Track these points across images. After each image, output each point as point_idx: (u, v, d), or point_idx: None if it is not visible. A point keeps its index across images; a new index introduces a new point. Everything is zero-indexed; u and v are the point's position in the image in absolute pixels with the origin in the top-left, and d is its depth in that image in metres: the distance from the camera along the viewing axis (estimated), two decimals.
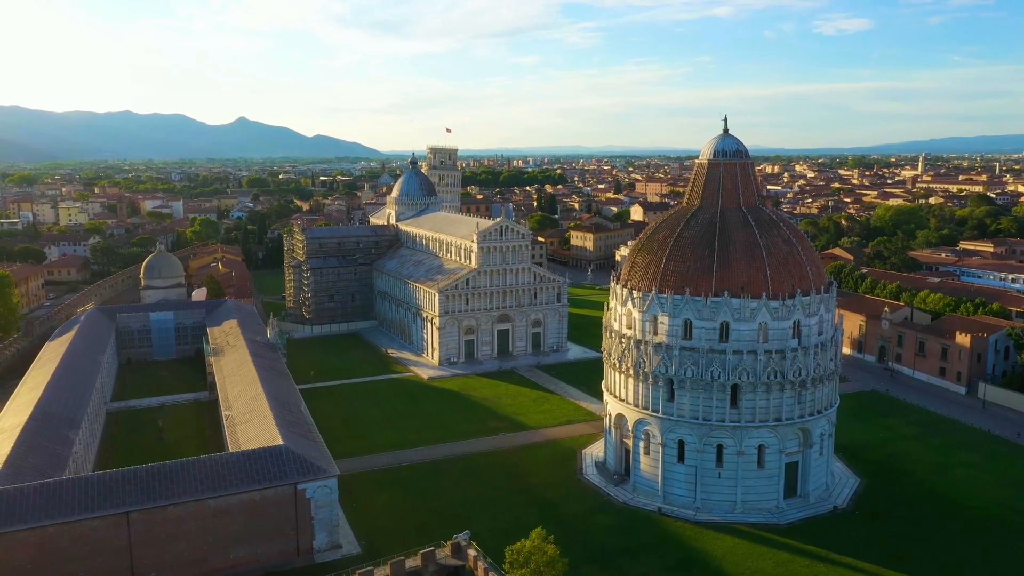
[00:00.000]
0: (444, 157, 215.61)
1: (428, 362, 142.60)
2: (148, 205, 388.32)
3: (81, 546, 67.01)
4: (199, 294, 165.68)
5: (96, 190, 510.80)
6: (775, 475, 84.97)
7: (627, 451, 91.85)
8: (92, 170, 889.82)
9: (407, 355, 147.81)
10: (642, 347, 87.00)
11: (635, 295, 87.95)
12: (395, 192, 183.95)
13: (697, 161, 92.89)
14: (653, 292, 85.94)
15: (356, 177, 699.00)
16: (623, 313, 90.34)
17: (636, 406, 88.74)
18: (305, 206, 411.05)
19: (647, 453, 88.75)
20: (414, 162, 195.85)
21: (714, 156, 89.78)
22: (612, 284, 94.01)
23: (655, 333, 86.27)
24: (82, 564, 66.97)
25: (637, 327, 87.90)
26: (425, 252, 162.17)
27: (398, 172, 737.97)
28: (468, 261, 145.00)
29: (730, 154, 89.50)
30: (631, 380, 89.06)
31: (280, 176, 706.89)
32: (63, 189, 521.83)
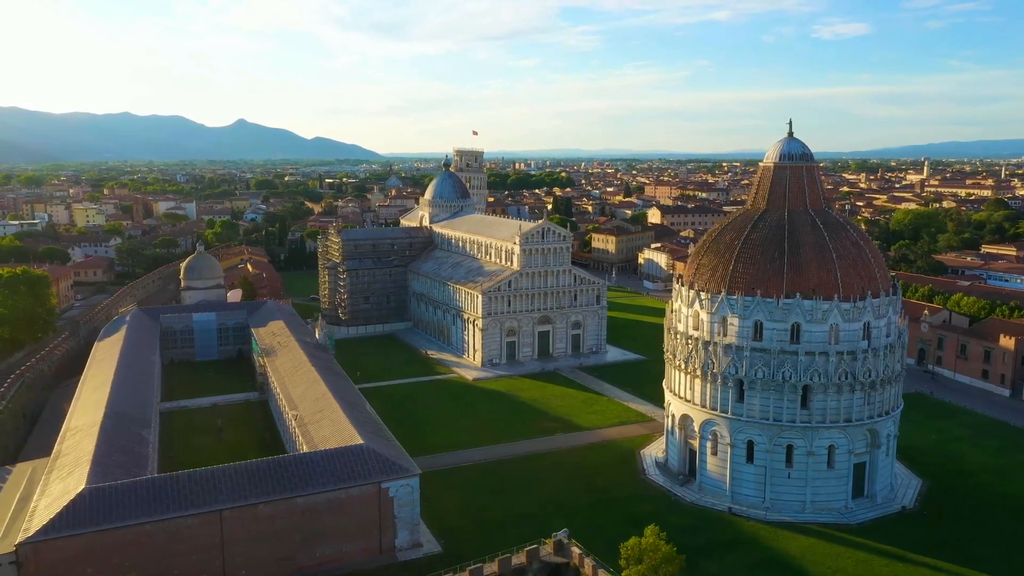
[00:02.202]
0: (470, 159, 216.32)
1: (470, 363, 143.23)
2: (162, 207, 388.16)
3: (176, 544, 67.58)
4: (234, 295, 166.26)
5: (105, 191, 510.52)
6: (844, 475, 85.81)
7: (691, 451, 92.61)
8: (95, 171, 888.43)
9: (447, 356, 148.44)
10: (711, 348, 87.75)
11: (703, 297, 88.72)
12: (428, 194, 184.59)
13: (762, 164, 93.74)
14: (722, 294, 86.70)
15: (362, 179, 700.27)
16: (689, 315, 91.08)
17: (703, 407, 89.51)
18: (317, 208, 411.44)
19: (714, 453, 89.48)
20: (447, 164, 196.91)
21: (780, 159, 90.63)
22: (676, 286, 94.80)
23: (724, 334, 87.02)
24: (176, 562, 67.52)
25: (705, 328, 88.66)
26: (462, 254, 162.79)
27: (403, 175, 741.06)
28: (509, 263, 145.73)
29: (796, 157, 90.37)
30: (698, 381, 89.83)
31: (286, 178, 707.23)
32: (70, 190, 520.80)
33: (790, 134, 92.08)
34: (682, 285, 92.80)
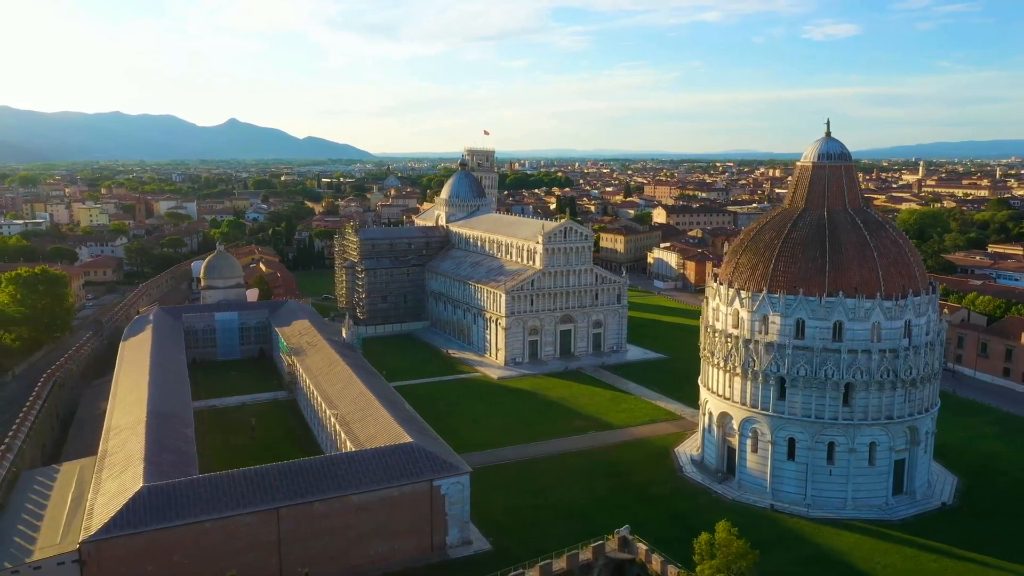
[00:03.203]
0: (482, 159, 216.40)
1: (492, 362, 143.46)
2: (163, 206, 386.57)
3: (234, 541, 67.67)
4: (251, 294, 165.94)
5: (103, 191, 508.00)
6: (885, 472, 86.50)
7: (730, 449, 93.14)
8: (89, 171, 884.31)
9: (469, 355, 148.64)
10: (751, 346, 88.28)
11: (743, 295, 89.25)
12: (445, 194, 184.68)
13: (800, 164, 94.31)
14: (764, 292, 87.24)
15: (359, 179, 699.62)
16: (728, 313, 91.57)
17: (743, 404, 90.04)
18: (318, 208, 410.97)
19: (755, 451, 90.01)
20: (464, 164, 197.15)
21: (819, 159, 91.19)
22: (713, 284, 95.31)
23: (765, 332, 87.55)
24: (234, 560, 67.42)
25: (745, 327, 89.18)
26: (481, 253, 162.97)
27: (399, 175, 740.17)
28: (532, 262, 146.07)
29: (835, 156, 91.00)
30: (737, 379, 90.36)
31: (282, 178, 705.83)
32: (67, 190, 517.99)
33: (828, 134, 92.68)
34: (720, 283, 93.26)
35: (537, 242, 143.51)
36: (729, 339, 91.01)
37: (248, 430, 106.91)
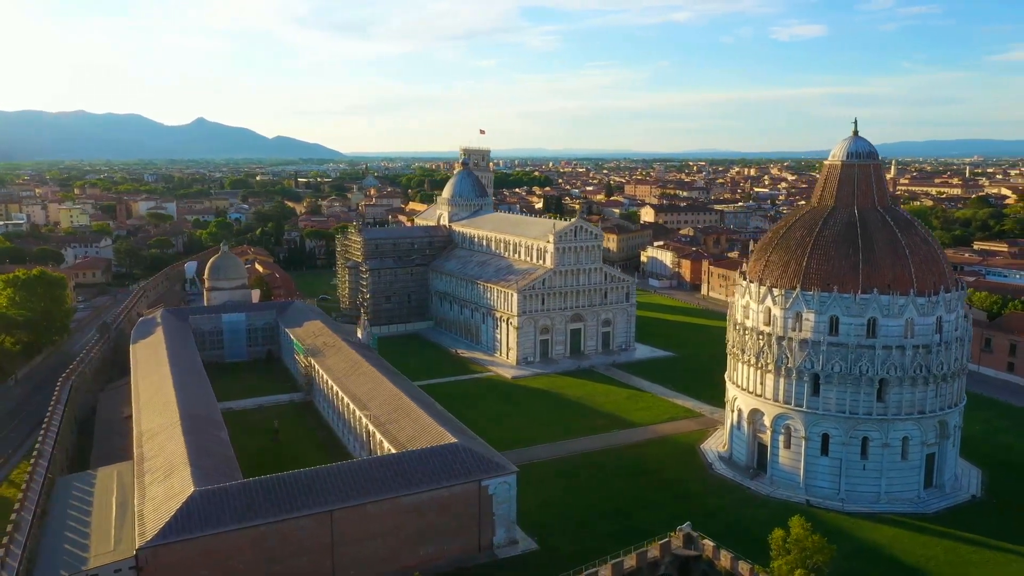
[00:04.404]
0: (477, 158, 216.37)
1: (503, 362, 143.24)
2: (142, 207, 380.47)
3: (288, 545, 66.86)
4: (254, 295, 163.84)
5: (76, 191, 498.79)
6: (917, 466, 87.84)
7: (760, 445, 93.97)
8: (57, 171, 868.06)
9: (478, 355, 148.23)
10: (784, 343, 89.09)
11: (775, 292, 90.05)
12: (447, 193, 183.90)
13: (828, 162, 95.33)
14: (797, 290, 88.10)
15: (337, 179, 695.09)
16: (760, 310, 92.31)
17: (776, 401, 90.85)
18: (299, 208, 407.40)
19: (787, 447, 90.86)
20: (465, 163, 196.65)
21: (848, 158, 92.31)
22: (743, 282, 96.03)
23: (799, 330, 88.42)
24: (288, 563, 66.80)
25: (778, 324, 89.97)
26: (487, 253, 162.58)
27: (375, 175, 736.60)
28: (542, 261, 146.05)
29: (863, 155, 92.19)
30: (770, 376, 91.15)
31: (258, 177, 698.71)
32: (37, 191, 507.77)
33: (855, 132, 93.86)
34: (751, 281, 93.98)
35: (548, 241, 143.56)
36: (761, 336, 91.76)
37: (270, 432, 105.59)
